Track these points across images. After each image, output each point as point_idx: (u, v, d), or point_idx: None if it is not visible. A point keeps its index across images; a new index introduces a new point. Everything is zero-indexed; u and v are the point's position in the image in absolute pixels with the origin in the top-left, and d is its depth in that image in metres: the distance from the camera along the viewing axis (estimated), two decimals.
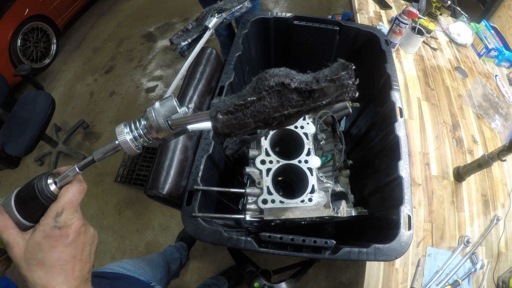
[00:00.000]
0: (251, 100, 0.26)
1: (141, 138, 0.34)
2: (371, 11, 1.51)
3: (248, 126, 0.27)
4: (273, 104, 0.26)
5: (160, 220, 1.81)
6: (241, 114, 0.27)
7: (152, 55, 2.72)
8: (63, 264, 0.36)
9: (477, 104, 1.24)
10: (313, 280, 1.58)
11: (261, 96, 0.26)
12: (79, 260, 0.38)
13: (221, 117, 0.27)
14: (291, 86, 0.26)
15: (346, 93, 0.26)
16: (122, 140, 0.34)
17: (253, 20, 0.99)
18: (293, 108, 0.26)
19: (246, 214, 0.71)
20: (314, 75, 0.26)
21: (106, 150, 0.36)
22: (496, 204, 1.01)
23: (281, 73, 0.26)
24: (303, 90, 0.26)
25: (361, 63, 1.09)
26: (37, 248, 0.36)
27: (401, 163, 0.75)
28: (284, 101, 0.26)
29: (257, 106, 0.26)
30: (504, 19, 1.56)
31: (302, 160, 0.77)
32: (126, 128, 0.34)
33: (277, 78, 0.26)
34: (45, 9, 2.64)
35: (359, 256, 0.63)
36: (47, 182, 0.37)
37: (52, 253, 0.36)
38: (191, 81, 0.87)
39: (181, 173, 0.72)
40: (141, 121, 0.34)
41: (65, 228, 0.36)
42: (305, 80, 0.26)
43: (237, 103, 0.27)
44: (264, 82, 0.26)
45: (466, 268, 0.88)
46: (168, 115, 0.33)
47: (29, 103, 1.70)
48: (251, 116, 0.27)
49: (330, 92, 0.26)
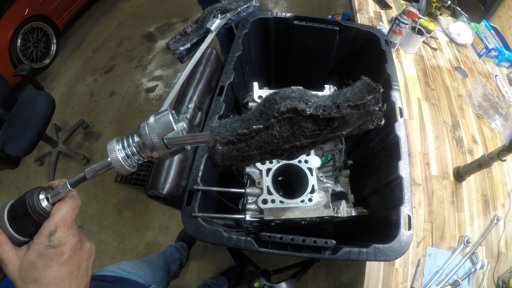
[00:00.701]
0: (257, 129, 0.21)
1: (135, 156, 0.31)
2: (371, 11, 1.51)
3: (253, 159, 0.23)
4: (283, 134, 0.21)
5: (160, 220, 1.81)
6: (244, 145, 0.22)
7: (152, 55, 2.72)
8: (58, 282, 0.35)
9: (477, 104, 1.24)
10: (313, 280, 1.58)
11: (270, 124, 0.21)
12: (76, 277, 0.37)
13: (220, 148, 0.22)
14: (306, 113, 0.20)
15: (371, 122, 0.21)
16: (113, 158, 0.31)
17: (253, 20, 0.99)
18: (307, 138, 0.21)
19: (246, 214, 0.71)
20: (333, 97, 0.21)
21: (98, 168, 0.34)
22: (496, 204, 1.01)
23: (293, 94, 0.21)
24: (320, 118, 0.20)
25: (361, 63, 1.09)
26: (31, 267, 0.35)
27: (401, 163, 0.75)
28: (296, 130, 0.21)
29: (264, 136, 0.21)
30: (504, 19, 1.56)
31: (302, 160, 0.77)
32: (118, 144, 0.31)
33: (289, 102, 0.20)
34: (45, 9, 2.64)
35: (359, 256, 0.63)
36: (38, 198, 0.35)
37: (47, 272, 0.35)
38: (191, 81, 0.87)
39: (181, 173, 0.72)
40: (134, 137, 0.30)
41: (59, 247, 0.35)
42: (322, 105, 0.21)
43: (240, 132, 0.22)
44: (273, 106, 0.21)
45: (466, 268, 0.88)
46: (163, 133, 0.29)
47: (29, 103, 1.70)
48: (257, 148, 0.22)
49: (352, 121, 0.20)
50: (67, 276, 0.36)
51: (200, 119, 0.83)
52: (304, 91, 0.22)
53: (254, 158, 0.22)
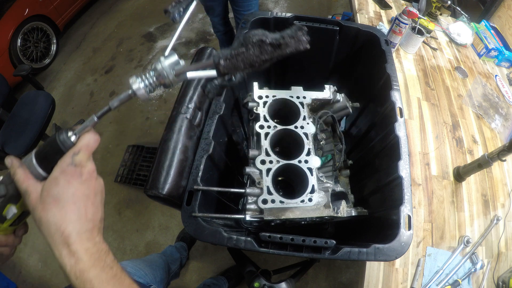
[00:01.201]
0: (242, 51, 0.39)
1: (151, 86, 0.41)
2: (371, 11, 1.51)
3: (240, 68, 0.40)
4: (255, 53, 0.39)
5: (160, 220, 1.81)
6: (234, 60, 0.39)
7: (152, 55, 2.72)
8: (76, 201, 0.38)
9: (477, 104, 1.24)
10: (313, 280, 1.58)
11: (248, 48, 0.39)
12: (92, 203, 0.40)
13: (222, 62, 0.39)
14: (266, 42, 0.39)
15: (302, 45, 0.39)
16: (136, 88, 0.40)
17: (253, 20, 0.99)
18: (268, 55, 0.39)
19: (246, 214, 0.71)
20: (281, 34, 0.39)
21: (121, 98, 0.41)
22: (496, 204, 1.01)
23: (259, 33, 0.39)
24: (274, 44, 0.39)
25: (361, 63, 1.09)
26: (54, 183, 0.38)
27: (401, 163, 0.75)
28: (262, 51, 0.39)
29: (245, 55, 0.39)
30: (504, 19, 1.56)
31: (302, 160, 0.77)
32: (138, 78, 0.41)
33: (257, 37, 0.39)
34: (45, 9, 2.64)
35: (359, 256, 0.63)
36: (67, 134, 0.41)
37: (67, 188, 0.38)
38: (191, 81, 0.87)
39: (181, 173, 0.72)
40: (150, 72, 0.41)
41: (79, 167, 0.39)
42: (275, 37, 0.39)
43: (232, 53, 0.39)
44: (249, 39, 0.39)
45: (466, 268, 0.88)
46: (172, 66, 0.41)
47: (29, 103, 1.70)
48: (242, 61, 0.39)
49: (291, 45, 0.39)
50: (84, 197, 0.39)
51: (200, 119, 0.83)
52: (264, 31, 0.39)
53: (240, 68, 0.40)
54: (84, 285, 0.36)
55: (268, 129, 0.80)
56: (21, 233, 0.46)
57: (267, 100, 0.85)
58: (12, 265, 1.72)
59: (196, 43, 2.79)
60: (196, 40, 2.81)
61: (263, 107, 0.84)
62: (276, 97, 0.86)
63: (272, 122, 0.82)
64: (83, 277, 0.36)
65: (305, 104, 0.87)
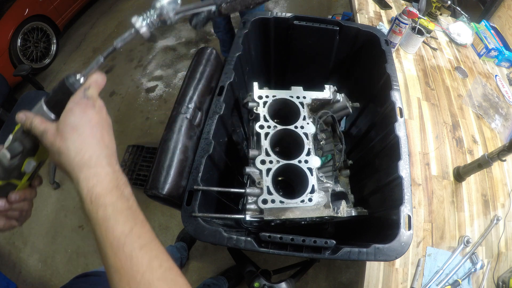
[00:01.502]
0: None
1: (152, 24, 0.43)
2: (371, 11, 1.51)
3: (237, 9, 0.51)
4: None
5: (160, 220, 1.81)
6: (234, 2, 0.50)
7: (152, 55, 2.72)
8: (93, 127, 0.40)
9: (477, 104, 1.24)
10: (313, 280, 1.58)
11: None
12: (107, 132, 0.41)
13: (224, 5, 0.49)
14: None
15: None
16: (139, 26, 0.42)
17: (253, 20, 0.99)
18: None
19: (246, 214, 0.71)
20: None
21: (124, 37, 0.43)
22: (496, 204, 1.01)
23: None
24: None
25: (361, 63, 1.09)
26: (69, 113, 0.39)
27: (401, 163, 0.75)
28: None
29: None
30: (504, 19, 1.56)
31: (302, 160, 0.77)
32: (140, 17, 0.43)
33: None
34: (45, 9, 2.64)
35: (359, 256, 0.63)
36: (76, 77, 0.42)
37: (83, 117, 0.39)
38: (191, 81, 0.87)
39: (181, 173, 0.72)
40: (151, 11, 0.43)
41: (91, 99, 0.41)
42: None
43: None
44: None
45: (466, 268, 0.88)
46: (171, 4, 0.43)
47: (29, 103, 1.70)
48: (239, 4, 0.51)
49: None
50: (100, 126, 0.41)
51: (200, 119, 0.83)
52: None
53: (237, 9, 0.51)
54: (97, 210, 0.36)
55: (268, 129, 0.80)
56: (37, 183, 0.49)
57: (267, 100, 0.85)
58: (12, 265, 1.72)
59: (196, 43, 2.79)
60: (196, 40, 2.82)
61: (263, 107, 0.84)
62: (276, 97, 0.86)
63: (272, 122, 0.82)
64: (99, 201, 0.36)
65: (305, 104, 0.87)
